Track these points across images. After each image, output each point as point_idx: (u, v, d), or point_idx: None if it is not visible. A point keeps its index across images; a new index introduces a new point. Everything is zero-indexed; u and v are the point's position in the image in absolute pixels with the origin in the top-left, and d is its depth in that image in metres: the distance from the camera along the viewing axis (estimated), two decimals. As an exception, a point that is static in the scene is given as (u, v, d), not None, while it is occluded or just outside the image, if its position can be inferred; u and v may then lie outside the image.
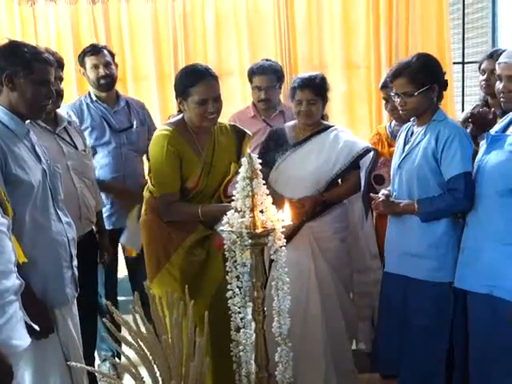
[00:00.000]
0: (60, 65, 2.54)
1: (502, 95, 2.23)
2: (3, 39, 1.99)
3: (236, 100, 4.02)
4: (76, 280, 2.07)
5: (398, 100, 2.35)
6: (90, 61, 3.02)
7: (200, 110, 2.27)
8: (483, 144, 2.25)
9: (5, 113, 1.90)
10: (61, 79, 2.57)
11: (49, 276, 1.94)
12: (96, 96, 3.08)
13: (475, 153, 2.30)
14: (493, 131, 2.21)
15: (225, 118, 3.88)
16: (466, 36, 4.34)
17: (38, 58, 1.92)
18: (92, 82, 3.04)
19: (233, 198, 1.90)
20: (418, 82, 2.28)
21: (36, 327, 1.74)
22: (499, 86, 2.23)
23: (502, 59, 2.21)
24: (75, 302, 2.09)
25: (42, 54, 1.95)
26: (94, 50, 3.03)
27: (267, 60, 3.37)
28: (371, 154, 2.73)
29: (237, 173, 2.17)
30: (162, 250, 2.39)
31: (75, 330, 2.04)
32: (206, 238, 2.40)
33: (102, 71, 3.01)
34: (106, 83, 3.03)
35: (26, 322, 1.66)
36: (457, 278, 2.24)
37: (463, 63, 4.33)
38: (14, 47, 1.92)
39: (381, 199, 2.45)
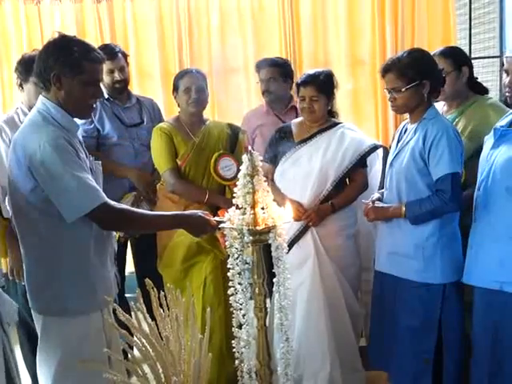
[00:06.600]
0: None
1: (507, 89, 2.19)
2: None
3: (241, 97, 4.02)
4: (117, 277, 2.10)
5: (389, 96, 2.31)
6: (105, 66, 3.04)
7: (186, 97, 2.77)
8: (488, 139, 2.22)
9: (57, 111, 1.86)
10: None
11: (102, 274, 1.97)
12: (108, 94, 3.14)
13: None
14: (498, 125, 2.17)
15: (231, 114, 3.89)
16: (472, 31, 4.29)
17: (87, 57, 1.85)
18: (107, 86, 3.09)
19: (228, 178, 2.75)
20: (407, 78, 2.23)
21: None
22: (505, 80, 2.18)
23: (509, 53, 2.18)
24: None
25: (91, 52, 1.87)
26: (110, 54, 2.97)
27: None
28: (379, 151, 2.71)
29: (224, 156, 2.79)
30: None
31: None
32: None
33: (117, 76, 3.08)
34: (120, 87, 3.13)
35: None
36: (465, 274, 2.21)
37: (470, 59, 4.29)
38: (64, 45, 1.84)
39: (370, 206, 2.40)
